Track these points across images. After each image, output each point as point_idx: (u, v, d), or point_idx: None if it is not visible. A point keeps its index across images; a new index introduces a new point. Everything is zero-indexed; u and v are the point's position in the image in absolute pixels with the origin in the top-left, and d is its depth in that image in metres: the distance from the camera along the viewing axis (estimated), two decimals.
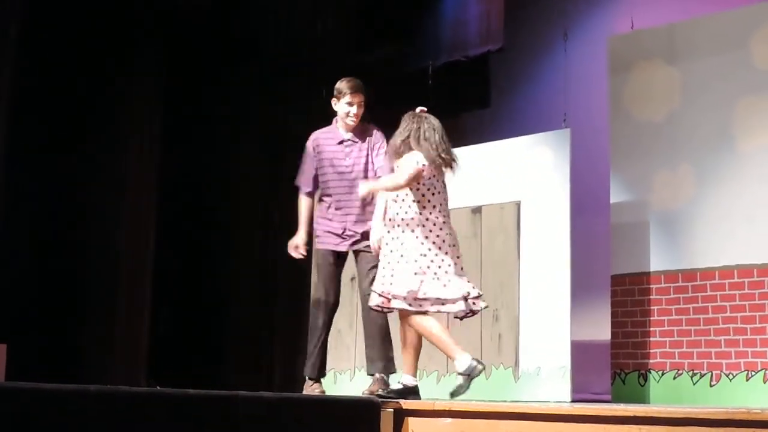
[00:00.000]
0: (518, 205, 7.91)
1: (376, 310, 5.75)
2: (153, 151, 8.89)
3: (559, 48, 9.08)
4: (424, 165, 5.63)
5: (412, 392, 5.41)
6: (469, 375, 5.28)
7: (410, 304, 5.47)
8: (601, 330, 7.97)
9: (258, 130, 9.62)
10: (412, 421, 3.91)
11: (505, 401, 6.06)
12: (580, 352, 7.48)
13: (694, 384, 7.29)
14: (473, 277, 7.96)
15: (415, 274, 5.46)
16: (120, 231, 8.90)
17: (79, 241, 8.61)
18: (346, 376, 8.64)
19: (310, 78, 9.71)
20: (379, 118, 10.05)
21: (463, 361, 5.37)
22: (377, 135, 6.45)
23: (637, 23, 8.28)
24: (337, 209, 6.31)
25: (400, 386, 5.48)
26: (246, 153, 9.47)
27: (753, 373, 7.10)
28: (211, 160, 8.97)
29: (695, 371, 7.31)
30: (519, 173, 7.96)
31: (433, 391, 7.96)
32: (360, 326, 8.52)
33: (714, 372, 7.20)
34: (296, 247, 6.29)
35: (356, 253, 6.38)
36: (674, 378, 7.44)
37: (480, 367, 5.34)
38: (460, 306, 5.54)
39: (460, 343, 7.93)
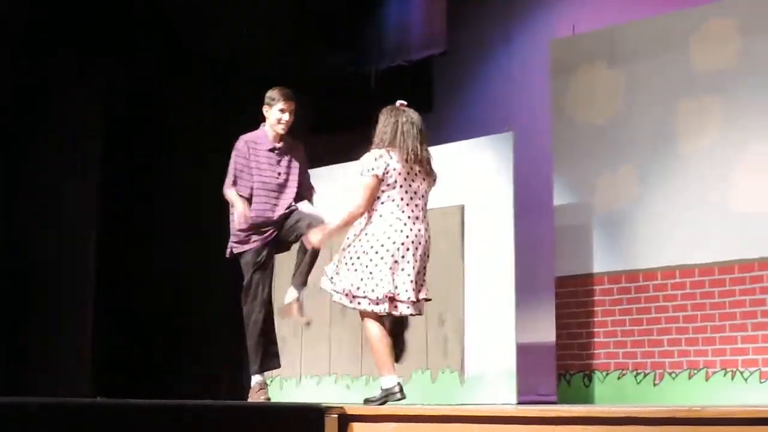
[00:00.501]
0: (462, 209, 7.93)
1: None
2: (93, 158, 8.84)
3: (501, 52, 9.14)
4: (373, 173, 5.60)
5: (392, 393, 5.37)
6: (386, 397, 5.26)
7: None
8: (546, 332, 8.02)
9: (203, 134, 9.57)
10: (356, 427, 3.90)
11: (450, 404, 6.07)
12: (526, 354, 7.50)
13: (638, 383, 7.35)
14: None
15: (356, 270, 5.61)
16: (61, 242, 8.83)
17: (20, 254, 8.52)
18: (292, 383, 8.62)
19: (253, 85, 9.67)
20: (326, 122, 10.13)
21: (389, 381, 5.35)
22: (303, 156, 6.64)
23: (578, 27, 8.33)
24: (258, 215, 6.38)
25: (382, 391, 5.41)
26: (192, 159, 9.42)
27: (695, 371, 7.17)
28: (153, 167, 8.89)
29: (639, 371, 7.38)
30: (462, 177, 7.97)
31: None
32: (305, 333, 8.54)
33: (657, 371, 7.27)
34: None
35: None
36: (618, 378, 7.50)
37: (398, 396, 5.28)
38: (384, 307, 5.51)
39: (408, 347, 7.98)
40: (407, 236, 5.59)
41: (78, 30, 8.77)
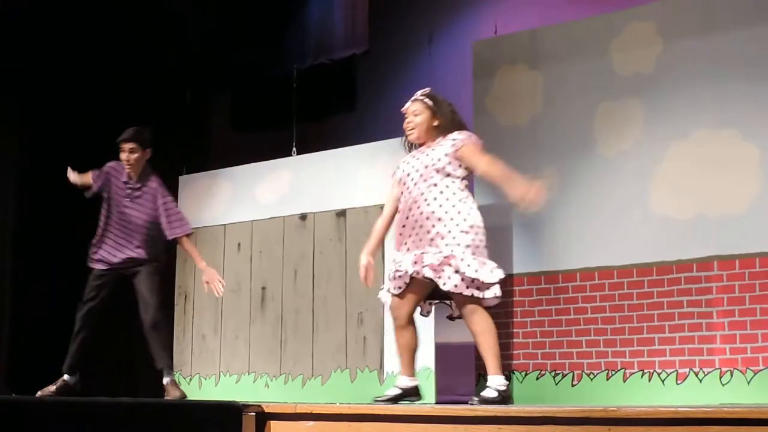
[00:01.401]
0: (382, 208, 7.94)
1: None
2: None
3: (424, 52, 9.16)
4: None
5: (411, 393, 5.53)
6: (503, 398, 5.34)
7: None
8: (465, 332, 8.01)
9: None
10: (274, 425, 3.90)
11: (369, 403, 6.08)
12: (445, 354, 7.54)
13: (556, 384, 7.41)
14: (338, 281, 8.02)
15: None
16: None
17: None
18: (211, 381, 8.58)
19: (173, 80, 9.64)
20: (247, 120, 10.09)
21: (501, 381, 5.48)
22: (160, 190, 7.23)
23: (500, 29, 8.38)
24: (112, 241, 7.13)
25: (398, 390, 5.56)
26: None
27: (613, 372, 7.24)
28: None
29: (557, 371, 7.43)
30: (383, 177, 7.99)
31: (300, 394, 7.97)
32: (225, 332, 8.52)
33: (575, 372, 7.33)
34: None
35: (127, 268, 7.19)
36: (537, 378, 7.55)
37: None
38: None
39: (327, 346, 7.99)
40: None
41: None
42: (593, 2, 8.21)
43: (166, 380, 7.07)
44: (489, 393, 5.37)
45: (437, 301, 6.26)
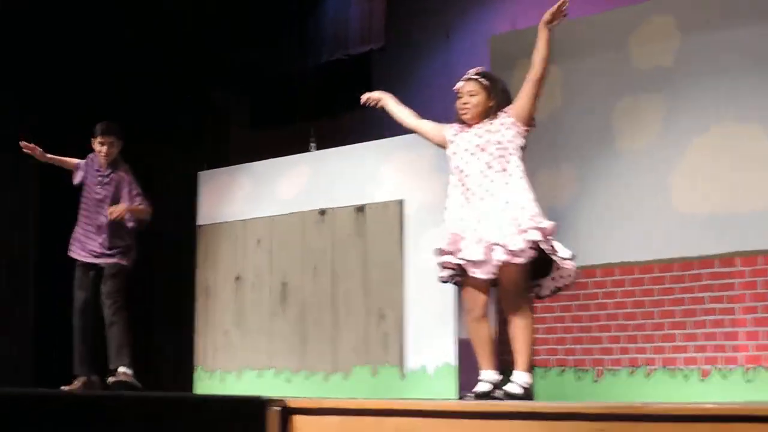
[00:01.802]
0: (401, 203, 7.95)
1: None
2: None
3: (441, 47, 9.14)
4: None
5: (500, 387, 5.28)
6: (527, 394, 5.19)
7: None
8: None
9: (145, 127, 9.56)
10: (298, 419, 3.90)
11: (392, 398, 6.08)
12: (468, 350, 7.53)
13: (578, 380, 7.40)
14: (358, 277, 8.03)
15: None
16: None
17: None
18: (233, 376, 8.60)
19: (194, 76, 9.66)
20: (264, 117, 10.10)
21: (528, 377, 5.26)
22: (127, 178, 7.33)
23: (518, 23, 8.36)
24: (86, 229, 7.26)
25: (519, 389, 5.19)
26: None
27: (635, 369, 7.22)
28: None
29: (579, 368, 7.42)
30: (402, 172, 8.00)
31: (321, 389, 7.98)
32: (246, 327, 8.53)
33: (597, 368, 7.32)
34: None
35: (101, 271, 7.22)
36: (559, 375, 7.54)
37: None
38: None
39: (348, 342, 7.99)
40: None
41: None
42: None
43: (120, 372, 7.06)
44: (514, 388, 5.21)
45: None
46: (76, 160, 7.39)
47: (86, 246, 7.24)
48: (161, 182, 9.30)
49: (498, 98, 5.58)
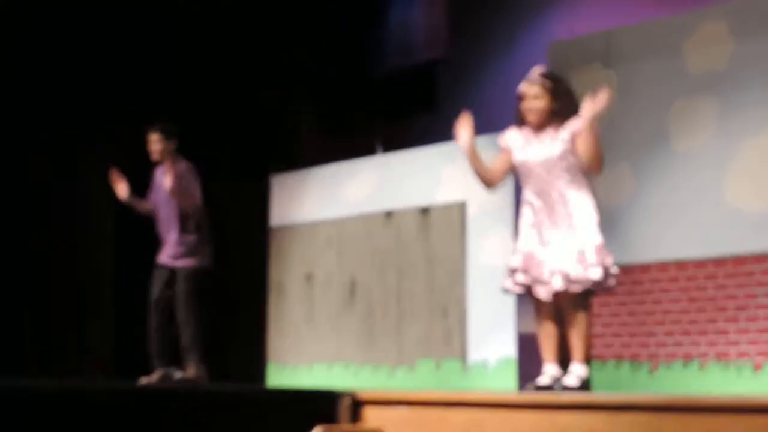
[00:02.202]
0: (463, 205, 7.95)
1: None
2: None
3: (502, 54, 9.11)
4: None
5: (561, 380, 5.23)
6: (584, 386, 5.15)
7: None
8: None
9: (222, 133, 9.67)
10: (368, 410, 3.92)
11: (455, 390, 6.09)
12: (527, 344, 7.51)
13: (634, 372, 7.36)
14: (422, 275, 8.03)
15: None
16: (81, 234, 8.92)
17: (42, 250, 8.62)
18: (304, 369, 8.65)
19: (268, 84, 9.74)
20: (334, 122, 10.13)
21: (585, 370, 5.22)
22: (185, 172, 7.30)
23: (576, 30, 8.33)
24: (162, 231, 7.38)
25: (577, 382, 5.13)
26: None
27: (689, 361, 7.17)
28: None
29: (635, 360, 7.38)
30: (465, 174, 7.99)
31: (387, 381, 8.00)
32: (317, 322, 8.57)
33: (652, 361, 7.27)
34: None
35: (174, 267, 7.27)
36: (615, 367, 7.51)
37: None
38: None
39: (412, 336, 8.00)
40: None
41: None
42: (666, 4, 8.11)
43: (188, 369, 7.10)
44: (571, 380, 5.16)
45: None
46: (150, 204, 7.45)
47: (164, 248, 7.32)
48: (236, 187, 9.39)
49: (563, 103, 5.44)
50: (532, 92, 5.45)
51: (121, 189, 7.36)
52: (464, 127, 5.73)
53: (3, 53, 8.49)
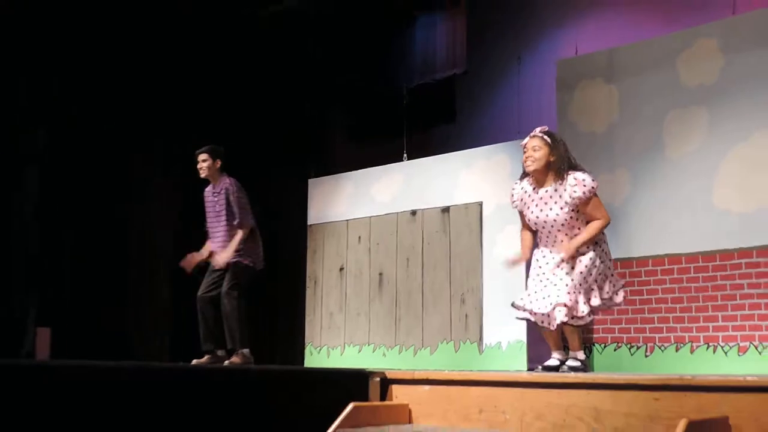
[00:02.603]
0: (480, 205, 7.93)
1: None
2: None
3: (513, 70, 9.09)
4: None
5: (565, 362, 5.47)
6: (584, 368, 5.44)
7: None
8: None
9: (266, 141, 9.69)
10: (395, 388, 3.92)
11: (472, 370, 6.07)
12: (535, 329, 7.50)
13: (631, 355, 7.33)
14: (443, 268, 8.02)
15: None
16: (148, 236, 8.97)
17: (112, 247, 8.66)
18: (337, 351, 8.66)
19: (305, 101, 9.78)
20: (366, 131, 10.14)
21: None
22: (229, 185, 7.23)
23: (581, 48, 8.30)
24: (211, 235, 7.36)
25: (578, 363, 5.44)
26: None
27: (681, 345, 7.15)
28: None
29: (632, 344, 7.36)
30: (481, 178, 7.98)
31: (411, 362, 8.00)
32: (348, 310, 8.57)
33: (648, 344, 7.25)
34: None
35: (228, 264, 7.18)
36: (615, 350, 7.48)
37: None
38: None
39: (434, 322, 7.99)
40: None
41: None
42: (661, 23, 8.07)
43: (234, 356, 7.09)
44: (573, 362, 5.44)
45: None
46: (207, 247, 7.43)
47: (213, 248, 7.32)
48: (278, 189, 9.41)
49: (559, 156, 5.53)
50: (532, 144, 5.59)
51: (189, 266, 7.40)
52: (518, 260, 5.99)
53: (82, 91, 8.57)
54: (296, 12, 9.58)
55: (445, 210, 8.15)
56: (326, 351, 8.73)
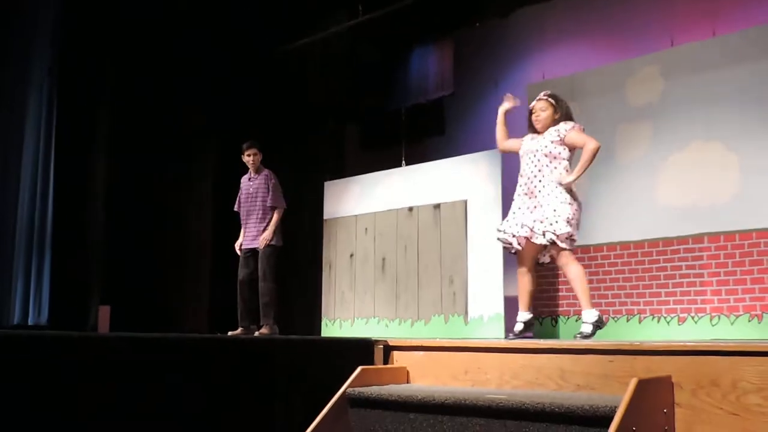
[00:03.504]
0: (465, 202, 7.89)
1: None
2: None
3: (492, 92, 9.06)
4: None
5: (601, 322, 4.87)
6: (598, 325, 4.85)
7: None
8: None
9: (292, 151, 9.65)
10: (396, 354, 3.88)
11: (459, 338, 6.04)
12: (511, 303, 7.45)
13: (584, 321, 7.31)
14: (435, 254, 7.98)
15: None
16: (189, 223, 8.91)
17: (162, 237, 8.61)
18: (347, 323, 8.63)
19: (323, 117, 9.75)
20: (371, 142, 10.11)
21: (592, 314, 4.91)
22: (268, 174, 7.24)
23: (547, 74, 8.28)
24: (246, 222, 7.22)
25: (590, 327, 4.90)
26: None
27: (631, 316, 7.12)
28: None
29: None
30: (466, 180, 7.94)
31: (409, 332, 7.96)
32: (357, 289, 8.53)
33: (604, 316, 7.21)
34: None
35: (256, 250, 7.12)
36: (576, 320, 7.45)
37: (603, 318, 4.92)
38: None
39: (428, 298, 7.95)
40: None
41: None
42: (612, 52, 8.04)
43: (263, 328, 7.01)
44: (585, 328, 4.92)
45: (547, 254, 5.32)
46: (242, 235, 7.26)
47: (247, 235, 7.21)
48: (301, 189, 9.37)
49: (562, 113, 5.24)
50: (539, 106, 5.32)
51: (239, 249, 7.24)
52: (508, 102, 5.64)
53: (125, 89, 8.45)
54: (316, 51, 9.59)
55: (437, 206, 8.11)
56: (339, 323, 8.69)
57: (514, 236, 5.17)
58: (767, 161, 6.58)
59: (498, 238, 5.32)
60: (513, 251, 5.25)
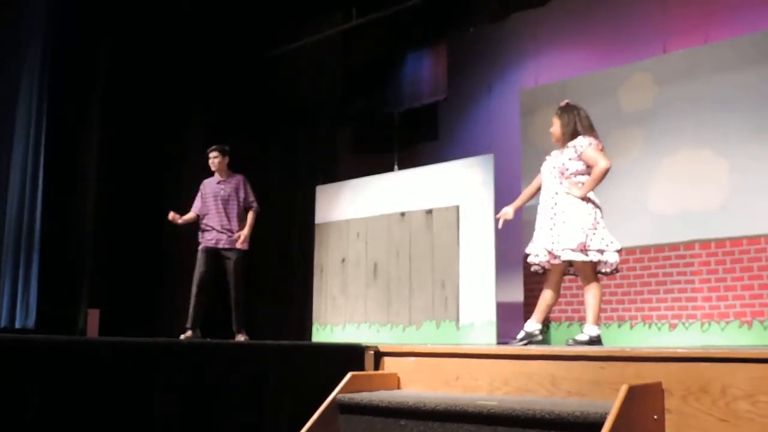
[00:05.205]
0: (458, 208, 7.89)
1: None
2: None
3: (485, 98, 9.09)
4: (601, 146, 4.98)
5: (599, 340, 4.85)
6: (595, 341, 4.86)
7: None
8: (516, 294, 7.98)
9: (283, 154, 9.64)
10: (386, 360, 3.87)
11: (451, 344, 6.04)
12: (502, 309, 7.47)
13: (581, 331, 7.30)
14: (427, 259, 7.98)
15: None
16: (180, 227, 8.86)
17: (148, 245, 8.57)
18: (339, 328, 8.61)
19: (318, 122, 9.74)
20: (365, 147, 10.10)
21: (594, 329, 4.90)
22: (243, 177, 7.17)
23: (540, 80, 8.30)
24: (208, 222, 7.04)
25: (587, 338, 4.92)
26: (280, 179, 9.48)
27: (622, 322, 7.13)
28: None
29: (582, 322, 7.27)
30: (458, 185, 7.94)
31: (400, 337, 7.96)
32: (350, 291, 8.52)
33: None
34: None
35: (224, 250, 6.97)
36: (567, 327, 7.45)
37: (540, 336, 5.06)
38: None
39: (419, 304, 7.94)
40: None
41: None
42: (605, 58, 8.08)
43: (241, 335, 6.90)
44: (581, 337, 4.96)
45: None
46: (192, 213, 7.15)
47: (212, 235, 6.99)
48: (291, 193, 9.36)
49: (568, 126, 5.11)
50: (552, 120, 5.25)
51: (178, 220, 7.08)
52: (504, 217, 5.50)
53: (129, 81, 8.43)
54: (309, 54, 9.57)
55: (429, 212, 8.11)
56: (330, 328, 8.69)
57: (538, 263, 5.17)
58: (758, 168, 6.61)
59: (528, 260, 5.30)
60: (542, 272, 5.23)
